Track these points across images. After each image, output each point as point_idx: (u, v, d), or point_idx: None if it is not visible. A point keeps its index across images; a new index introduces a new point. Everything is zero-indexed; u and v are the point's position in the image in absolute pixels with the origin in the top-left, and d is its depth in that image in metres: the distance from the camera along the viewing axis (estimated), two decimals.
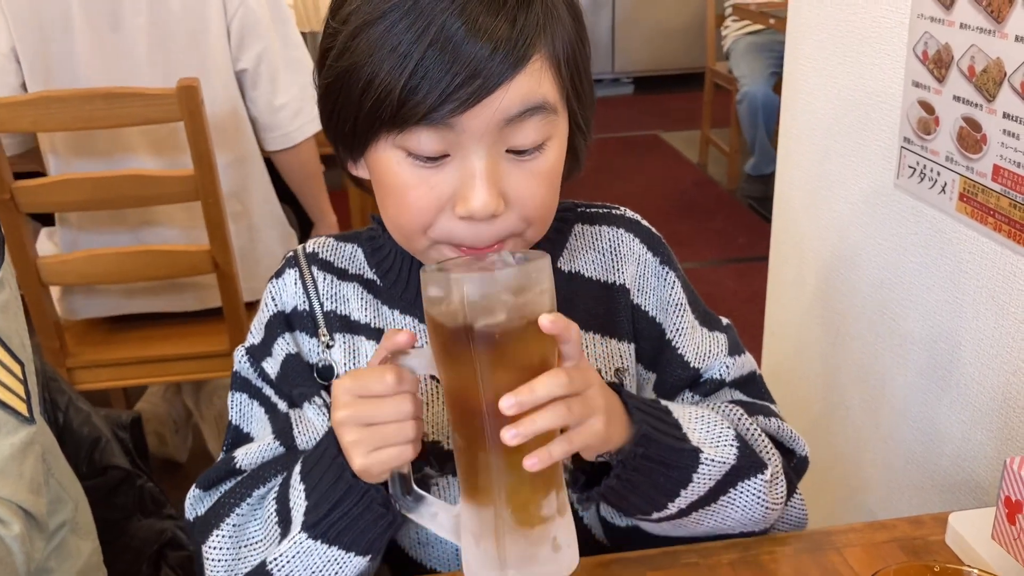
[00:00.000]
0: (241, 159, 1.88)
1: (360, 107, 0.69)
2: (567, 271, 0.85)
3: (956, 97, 1.00)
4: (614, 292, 0.85)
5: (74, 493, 1.09)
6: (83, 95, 1.61)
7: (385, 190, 0.73)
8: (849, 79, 1.23)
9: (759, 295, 1.56)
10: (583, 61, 0.74)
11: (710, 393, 0.86)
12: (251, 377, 0.84)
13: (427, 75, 0.65)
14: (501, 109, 0.66)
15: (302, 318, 0.83)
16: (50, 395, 1.18)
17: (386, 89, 0.66)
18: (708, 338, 0.86)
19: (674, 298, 0.86)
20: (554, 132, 0.71)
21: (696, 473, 0.74)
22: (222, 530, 0.76)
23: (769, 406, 0.86)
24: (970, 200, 1.00)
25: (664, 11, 5.84)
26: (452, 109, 0.65)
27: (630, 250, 0.86)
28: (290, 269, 0.85)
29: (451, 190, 0.70)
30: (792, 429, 0.84)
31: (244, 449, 0.81)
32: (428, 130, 0.67)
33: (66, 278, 1.80)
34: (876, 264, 1.21)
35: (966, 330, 1.05)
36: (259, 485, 0.78)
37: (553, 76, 0.70)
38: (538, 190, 0.72)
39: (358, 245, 0.86)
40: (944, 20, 1.00)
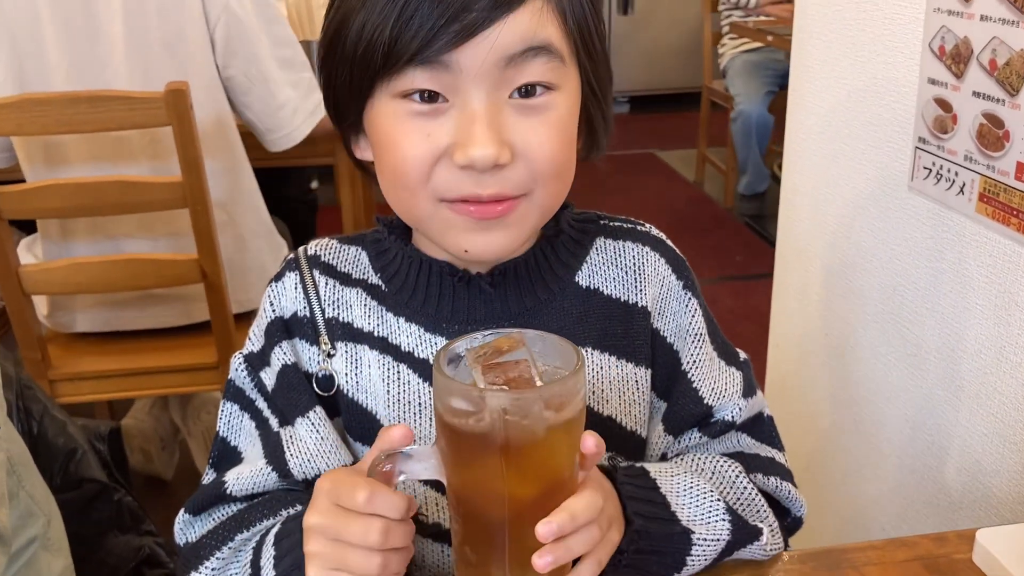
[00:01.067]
0: (227, 168, 1.83)
1: (354, 57, 0.66)
2: (585, 286, 0.79)
3: (976, 93, 0.96)
4: (634, 313, 0.79)
5: (46, 507, 1.04)
6: (67, 98, 1.56)
7: (381, 148, 0.69)
8: (859, 79, 1.19)
9: (756, 313, 1.52)
10: (597, 27, 0.71)
11: (718, 435, 0.81)
12: (246, 387, 0.79)
13: (418, 10, 0.62)
14: (499, 46, 0.63)
15: (302, 325, 0.78)
16: (24, 403, 1.13)
17: (378, 30, 0.64)
18: (725, 374, 0.81)
19: (694, 327, 0.80)
20: (562, 82, 0.68)
21: (690, 556, 0.71)
22: (201, 572, 0.73)
23: (774, 457, 0.82)
24: (991, 200, 0.95)
25: (660, 30, 5.84)
26: (445, 43, 0.62)
27: (655, 271, 0.81)
28: (290, 272, 0.80)
29: (449, 138, 0.65)
30: (792, 490, 0.80)
31: (235, 473, 0.76)
32: (422, 70, 0.64)
33: (49, 287, 1.74)
34: (888, 270, 1.17)
35: (986, 337, 1.00)
36: (243, 529, 0.73)
37: (559, 25, 0.67)
38: (547, 140, 0.67)
39: (362, 248, 0.81)
40: (963, 13, 0.96)
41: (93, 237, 1.81)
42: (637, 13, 5.80)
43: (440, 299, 0.77)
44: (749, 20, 3.97)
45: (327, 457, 0.75)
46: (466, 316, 0.76)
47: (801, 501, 0.81)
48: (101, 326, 1.87)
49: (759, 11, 4.00)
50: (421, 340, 0.77)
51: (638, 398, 0.80)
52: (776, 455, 0.83)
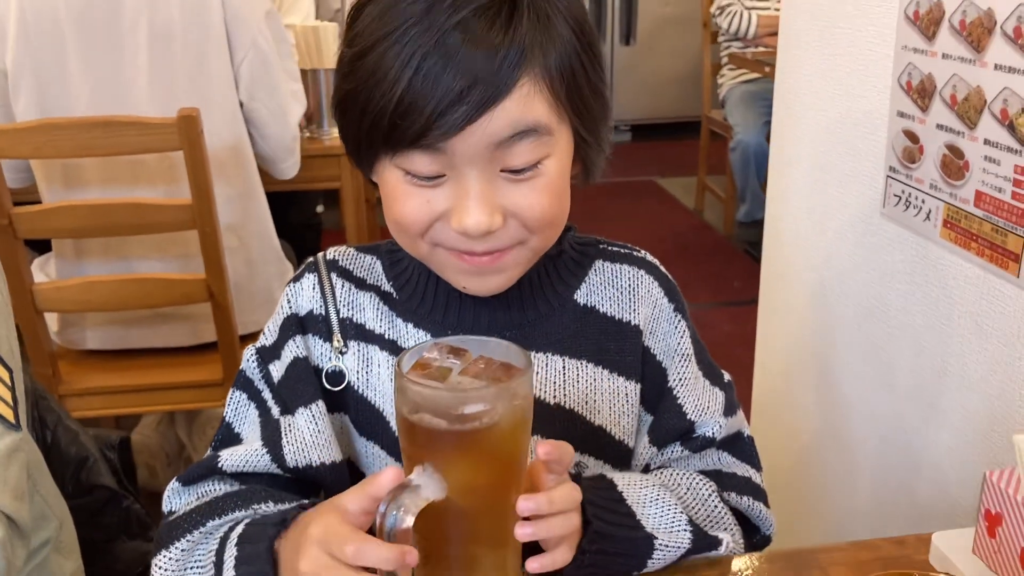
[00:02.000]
0: (241, 194, 1.89)
1: (360, 128, 0.72)
2: (583, 304, 0.86)
3: (939, 125, 1.02)
4: (627, 331, 0.86)
5: (59, 511, 1.09)
6: (83, 123, 1.63)
7: (387, 202, 0.76)
8: (837, 112, 1.25)
9: (753, 337, 1.57)
10: (587, 74, 0.74)
11: (699, 449, 0.87)
12: (255, 378, 0.85)
13: (414, 102, 0.67)
14: (489, 134, 0.68)
15: (317, 322, 0.84)
16: (39, 413, 1.18)
17: (379, 114, 0.69)
18: (708, 393, 0.87)
19: (682, 347, 0.87)
20: (551, 151, 0.73)
21: (651, 559, 0.76)
22: (171, 552, 0.77)
23: (751, 477, 0.88)
24: (954, 226, 1.01)
25: (661, 60, 5.93)
26: (439, 135, 0.68)
27: (648, 292, 0.87)
28: (309, 273, 0.86)
29: (447, 205, 0.72)
30: (763, 510, 0.86)
31: (231, 451, 0.81)
32: (420, 152, 0.70)
33: (61, 305, 1.80)
34: (863, 293, 1.22)
35: (951, 355, 1.05)
36: (216, 515, 0.77)
37: (546, 96, 0.71)
38: (538, 202, 0.73)
39: (377, 257, 0.88)
40: (927, 51, 1.02)
41: (106, 257, 1.86)
42: (639, 44, 5.89)
43: (447, 308, 0.83)
44: (747, 51, 4.04)
45: (320, 450, 0.80)
46: (471, 325, 0.83)
47: (770, 520, 0.86)
48: (111, 344, 1.92)
49: (757, 42, 4.08)
50: (426, 342, 0.82)
51: (627, 410, 0.86)
52: (753, 474, 0.88)
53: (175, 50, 1.74)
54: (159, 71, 1.75)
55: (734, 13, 4.08)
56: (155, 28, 1.72)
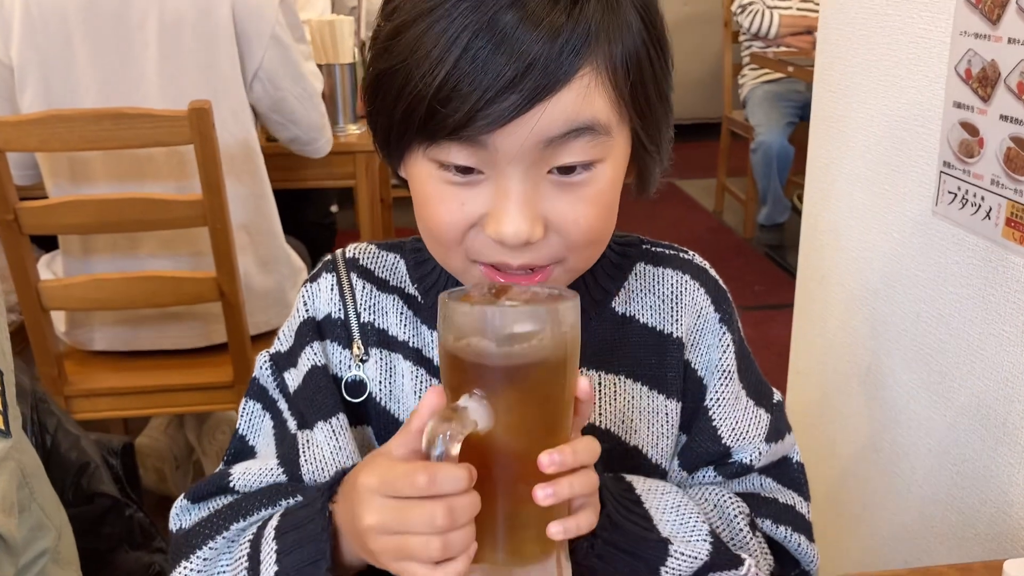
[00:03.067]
0: (251, 193, 1.84)
1: (393, 114, 0.63)
2: (621, 313, 0.78)
3: (1004, 116, 0.94)
4: (668, 344, 0.77)
5: (57, 520, 1.03)
6: (91, 115, 1.58)
7: (418, 202, 0.67)
8: (883, 103, 1.18)
9: (776, 342, 1.51)
10: (655, 70, 0.66)
11: (735, 476, 0.79)
12: (269, 387, 0.78)
13: (458, 86, 0.58)
14: (539, 129, 0.59)
15: (335, 327, 0.77)
16: (39, 417, 1.12)
17: (417, 98, 0.60)
18: (750, 414, 0.79)
19: (724, 363, 0.78)
20: (607, 154, 0.64)
21: (665, 567, 0.69)
22: (192, 562, 0.70)
23: (794, 505, 0.79)
24: (1019, 225, 0.94)
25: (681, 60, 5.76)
26: (483, 126, 0.59)
27: (692, 300, 0.78)
28: (327, 273, 0.78)
29: (483, 209, 0.63)
30: (804, 542, 0.78)
31: (243, 467, 0.75)
32: (459, 145, 0.61)
33: (68, 303, 1.75)
34: (912, 297, 1.15)
35: (1013, 365, 0.98)
36: (240, 518, 0.71)
37: (607, 90, 0.62)
38: (585, 216, 0.64)
39: (401, 256, 0.80)
40: (990, 36, 0.95)
41: (114, 255, 1.81)
42: None
43: None
44: (769, 51, 3.97)
45: (342, 467, 0.73)
46: None
47: (813, 555, 0.78)
48: (119, 345, 1.87)
49: (779, 42, 4.01)
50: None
51: (666, 431, 0.78)
52: (798, 503, 0.80)
53: (185, 43, 1.69)
54: (168, 65, 1.70)
55: (756, 12, 4.01)
56: (165, 21, 1.67)
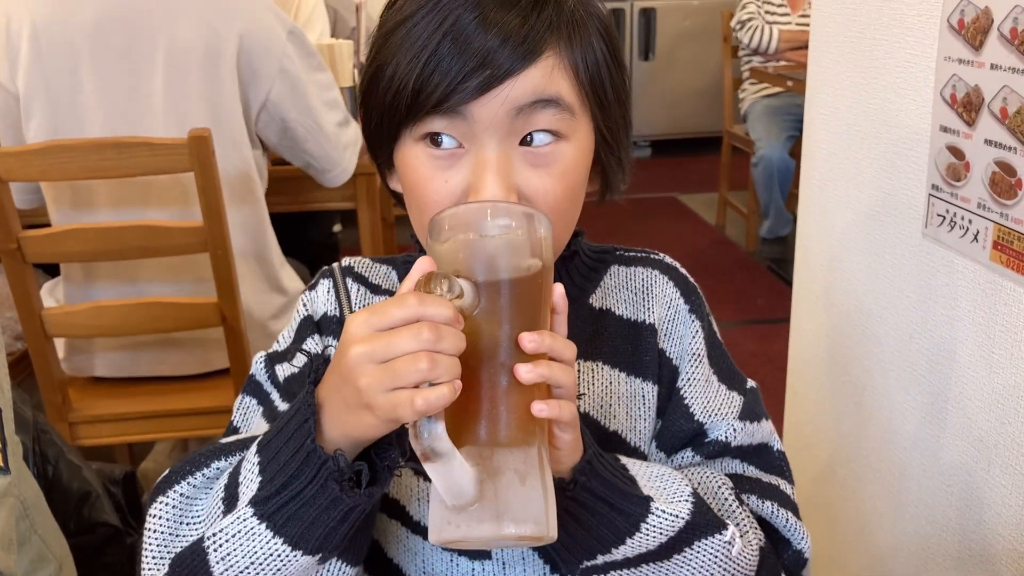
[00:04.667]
0: (251, 222, 1.85)
1: (383, 103, 0.72)
2: (598, 307, 0.84)
3: (988, 141, 0.95)
4: (642, 331, 0.83)
5: (59, 551, 1.04)
6: (92, 144, 1.59)
7: (408, 189, 0.75)
8: (873, 126, 1.19)
9: (779, 356, 1.51)
10: (612, 78, 0.74)
11: (713, 456, 0.81)
12: (263, 381, 0.83)
13: (439, 65, 0.68)
14: (511, 99, 0.68)
15: (331, 323, 0.83)
16: (40, 447, 1.13)
17: (403, 81, 0.69)
18: (721, 395, 0.82)
19: (694, 348, 0.83)
20: (570, 134, 0.72)
21: (645, 523, 0.69)
22: (169, 497, 0.70)
23: (777, 486, 0.81)
24: (1005, 248, 0.95)
25: (681, 75, 5.88)
26: (463, 97, 0.67)
27: (662, 292, 0.84)
28: (324, 280, 0.86)
29: (464, 183, 0.70)
30: (792, 519, 0.78)
31: (232, 437, 0.76)
32: (441, 119, 0.69)
33: (71, 330, 1.76)
34: (904, 318, 1.16)
35: (1004, 387, 0.99)
36: (222, 456, 0.71)
37: (569, 76, 0.71)
38: (551, 189, 0.71)
39: (393, 268, 0.87)
40: (973, 61, 0.96)
41: (117, 281, 1.83)
42: (658, 59, 5.84)
43: None
44: (769, 65, 3.99)
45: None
46: None
47: (803, 533, 0.78)
48: (119, 371, 1.88)
49: (779, 56, 4.02)
50: None
51: (644, 413, 0.82)
52: (782, 484, 0.81)
53: (191, 75, 1.71)
54: (174, 95, 1.72)
55: (755, 28, 4.02)
56: (173, 52, 1.69)
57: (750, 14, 4.06)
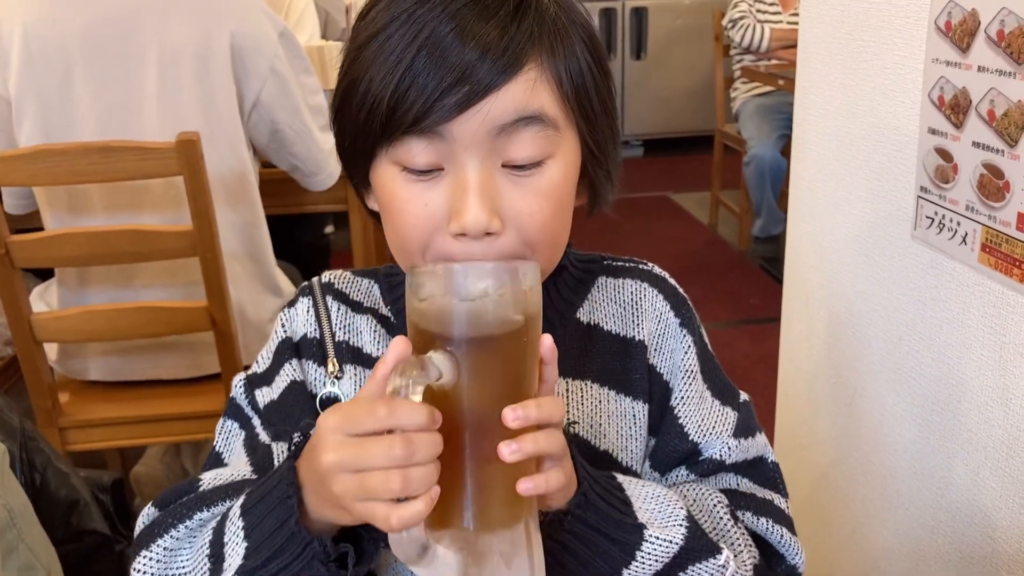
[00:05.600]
0: (246, 223, 1.85)
1: (357, 121, 0.68)
2: (586, 322, 0.81)
3: (976, 143, 0.95)
4: (631, 347, 0.80)
5: (46, 560, 1.04)
6: (80, 148, 1.58)
7: (384, 210, 0.72)
8: (862, 129, 1.19)
9: (772, 356, 1.51)
10: (598, 87, 0.71)
11: (708, 474, 0.80)
12: (244, 405, 0.81)
13: (415, 81, 0.64)
14: (492, 117, 0.64)
15: (311, 346, 0.80)
16: (28, 455, 1.13)
17: (377, 98, 0.66)
18: (715, 412, 0.80)
19: (686, 364, 0.80)
20: (555, 150, 0.69)
21: (640, 551, 0.68)
22: (152, 551, 0.70)
23: (773, 500, 0.80)
24: (993, 251, 0.95)
25: (673, 74, 5.88)
26: (441, 116, 0.64)
27: (652, 306, 0.81)
28: (303, 298, 0.83)
29: (445, 206, 0.67)
30: (786, 534, 0.77)
31: (213, 473, 0.76)
32: (419, 139, 0.66)
33: (61, 335, 1.75)
34: (893, 319, 1.16)
35: (993, 389, 0.99)
36: (204, 507, 0.71)
37: (552, 89, 0.67)
38: (538, 210, 0.68)
39: (375, 281, 0.84)
40: (960, 64, 0.96)
41: (110, 285, 1.82)
42: (650, 58, 5.84)
43: None
44: (760, 64, 3.99)
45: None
46: None
47: (798, 548, 0.78)
48: (113, 375, 1.87)
49: (770, 55, 4.02)
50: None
51: (635, 433, 0.80)
52: (776, 499, 0.81)
53: (184, 77, 1.70)
54: (167, 97, 1.71)
55: (747, 27, 4.03)
56: (164, 55, 1.68)
57: (741, 12, 4.06)
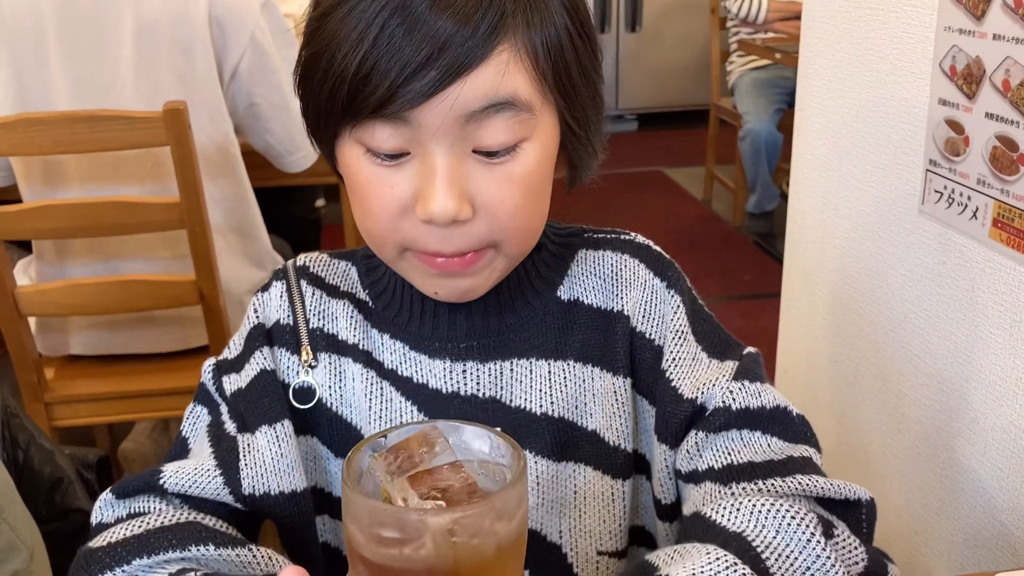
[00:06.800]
0: (230, 196, 1.81)
1: (319, 97, 0.65)
2: (567, 299, 0.78)
3: (989, 114, 0.92)
4: (612, 319, 0.77)
5: (30, 539, 1.01)
6: (65, 117, 1.54)
7: (351, 191, 0.68)
8: (868, 100, 1.16)
9: (765, 332, 1.49)
10: (579, 56, 0.67)
11: (720, 429, 0.71)
12: (212, 391, 0.78)
13: (377, 65, 0.60)
14: (460, 104, 0.61)
15: (284, 333, 0.77)
16: (10, 432, 1.10)
17: (339, 78, 0.62)
18: (713, 369, 0.74)
19: (676, 324, 0.76)
20: (530, 134, 0.65)
21: None
22: None
23: (810, 457, 0.71)
24: (1005, 226, 0.92)
25: (668, 47, 5.83)
26: (404, 103, 0.60)
27: (634, 275, 0.78)
28: (277, 282, 0.79)
29: (412, 190, 0.64)
30: (839, 482, 0.68)
31: (176, 466, 0.72)
32: (383, 124, 0.62)
33: (45, 308, 1.72)
34: (898, 296, 1.13)
35: (1001, 368, 0.96)
36: (143, 554, 0.65)
37: (526, 68, 0.63)
38: (510, 196, 0.65)
39: (352, 263, 0.81)
40: (975, 32, 0.93)
41: (90, 259, 1.78)
42: (645, 30, 5.78)
43: (423, 317, 0.76)
44: (757, 37, 3.94)
45: (282, 477, 0.72)
46: (447, 333, 0.76)
47: (857, 485, 0.68)
48: (95, 349, 1.84)
49: (767, 28, 3.98)
50: (405, 358, 0.76)
51: (618, 410, 0.77)
52: (812, 454, 0.72)
53: (161, 45, 1.66)
54: (144, 66, 1.67)
55: None
56: (140, 22, 1.64)
57: None
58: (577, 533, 0.77)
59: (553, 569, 0.77)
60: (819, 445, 0.74)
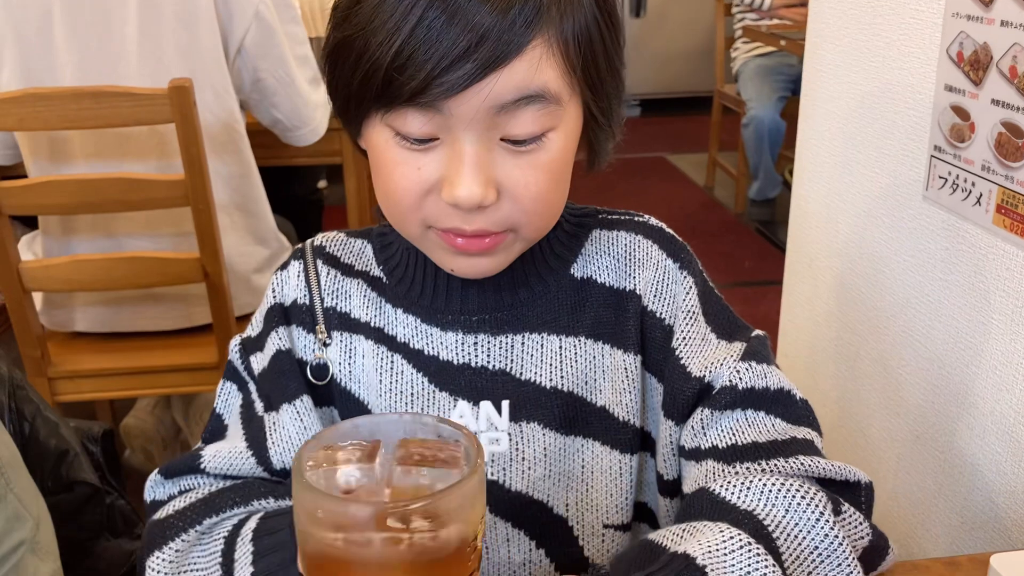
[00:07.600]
0: (235, 173, 1.81)
1: (351, 81, 0.65)
2: (580, 276, 0.79)
3: (995, 101, 0.92)
4: (624, 298, 0.78)
5: (35, 510, 1.02)
6: (71, 93, 1.54)
7: (376, 169, 0.70)
8: (873, 84, 1.16)
9: (766, 319, 1.50)
10: (605, 46, 0.68)
11: (726, 408, 0.73)
12: (240, 369, 0.81)
13: (414, 55, 0.61)
14: (492, 96, 0.62)
15: (300, 312, 0.80)
16: (16, 404, 1.11)
17: (374, 66, 0.62)
18: (722, 349, 0.76)
19: (687, 304, 0.77)
20: (556, 123, 0.66)
21: None
22: (164, 553, 0.71)
23: (812, 440, 0.72)
24: (1009, 212, 0.92)
25: (672, 32, 5.81)
26: (439, 93, 0.61)
27: (647, 255, 0.79)
28: (295, 261, 0.82)
29: (439, 174, 0.66)
30: (839, 464, 0.69)
31: (214, 449, 0.77)
32: (415, 111, 0.63)
33: (50, 284, 1.72)
34: (901, 282, 1.14)
35: (1002, 353, 0.97)
36: (211, 514, 0.73)
37: (558, 62, 0.64)
38: (535, 181, 0.66)
39: (368, 241, 0.83)
40: (983, 18, 0.93)
41: (95, 235, 1.79)
42: (649, 15, 5.76)
43: (436, 290, 0.78)
44: (762, 24, 3.93)
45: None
46: (459, 307, 0.77)
47: (855, 468, 0.70)
48: (100, 326, 1.85)
49: (773, 14, 3.97)
50: (417, 331, 0.78)
51: (628, 386, 0.78)
52: (815, 438, 0.73)
53: (165, 21, 1.66)
54: (148, 42, 1.67)
55: None
56: None
57: None
58: (584, 506, 0.79)
59: (559, 541, 0.78)
60: (820, 429, 0.76)
